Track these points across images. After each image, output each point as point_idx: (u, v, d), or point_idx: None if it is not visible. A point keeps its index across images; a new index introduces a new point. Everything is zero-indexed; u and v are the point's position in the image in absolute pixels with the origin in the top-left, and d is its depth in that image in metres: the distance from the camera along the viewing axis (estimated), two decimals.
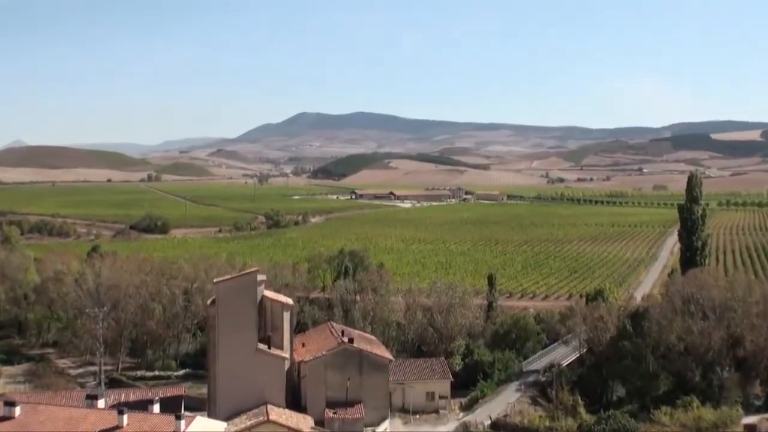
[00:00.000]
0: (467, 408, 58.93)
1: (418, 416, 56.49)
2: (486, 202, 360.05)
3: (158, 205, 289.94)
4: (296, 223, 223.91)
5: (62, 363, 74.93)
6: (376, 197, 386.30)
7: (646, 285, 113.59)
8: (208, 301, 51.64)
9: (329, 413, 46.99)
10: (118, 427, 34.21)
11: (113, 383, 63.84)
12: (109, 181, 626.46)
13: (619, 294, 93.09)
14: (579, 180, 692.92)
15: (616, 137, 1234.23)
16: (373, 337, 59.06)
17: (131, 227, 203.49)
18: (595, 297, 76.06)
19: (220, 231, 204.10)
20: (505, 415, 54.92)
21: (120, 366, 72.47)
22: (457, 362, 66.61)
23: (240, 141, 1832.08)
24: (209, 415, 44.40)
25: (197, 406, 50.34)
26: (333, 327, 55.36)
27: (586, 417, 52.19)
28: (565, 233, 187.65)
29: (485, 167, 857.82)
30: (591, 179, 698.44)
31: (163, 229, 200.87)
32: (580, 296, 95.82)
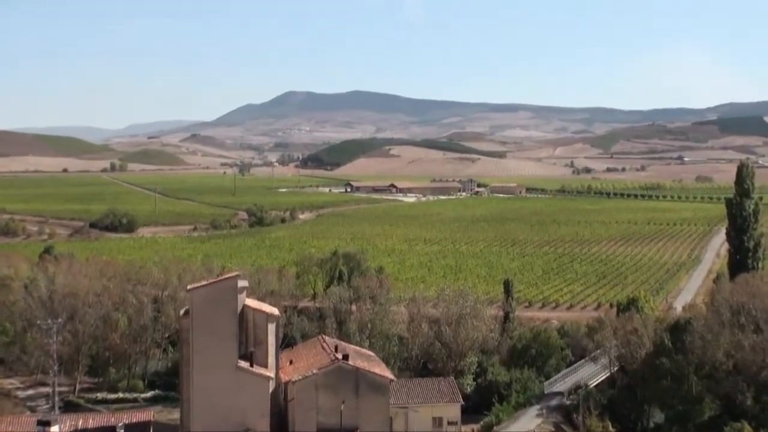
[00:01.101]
0: None
1: None
2: (501, 195, 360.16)
3: (123, 200, 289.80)
4: (283, 221, 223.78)
5: (9, 383, 74.59)
6: (375, 190, 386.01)
7: (688, 293, 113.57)
8: (181, 312, 51.52)
9: None
10: None
11: (69, 407, 63.66)
12: (64, 171, 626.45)
13: (657, 303, 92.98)
14: (609, 170, 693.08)
15: (652, 120, 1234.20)
16: (371, 354, 58.93)
17: (91, 225, 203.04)
18: (627, 307, 75.95)
19: (194, 229, 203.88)
20: None
21: (77, 387, 72.27)
22: (469, 383, 66.50)
23: (218, 125, 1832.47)
24: None
25: None
26: (325, 341, 55.21)
27: None
28: (592, 232, 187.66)
29: (501, 155, 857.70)
30: (623, 169, 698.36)
31: (129, 228, 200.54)
32: (611, 306, 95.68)
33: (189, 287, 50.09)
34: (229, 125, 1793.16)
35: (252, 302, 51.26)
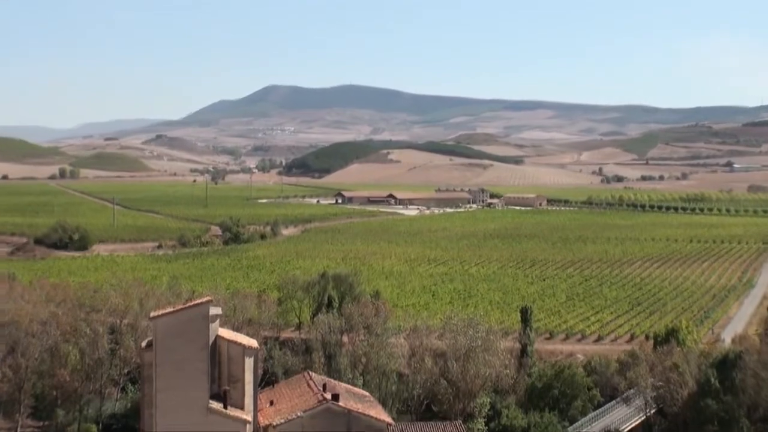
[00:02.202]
0: None
1: None
2: (518, 208, 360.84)
3: (74, 211, 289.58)
4: (263, 237, 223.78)
5: None
6: (371, 201, 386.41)
7: (739, 322, 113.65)
8: (143, 343, 51.40)
9: None
10: None
11: None
12: (4, 177, 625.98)
13: (701, 335, 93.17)
14: (644, 178, 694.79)
15: (696, 120, 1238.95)
16: (365, 393, 58.86)
17: (36, 241, 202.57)
18: (666, 339, 76.02)
19: (159, 247, 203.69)
20: None
21: None
22: (480, 427, 66.43)
23: (187, 124, 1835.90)
24: None
25: None
26: (312, 379, 55.16)
27: None
28: (624, 251, 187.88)
29: (517, 161, 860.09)
30: (660, 177, 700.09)
31: (82, 245, 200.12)
32: (647, 338, 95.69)
33: (152, 315, 50.03)
34: (200, 125, 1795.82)
35: (226, 333, 51.21)
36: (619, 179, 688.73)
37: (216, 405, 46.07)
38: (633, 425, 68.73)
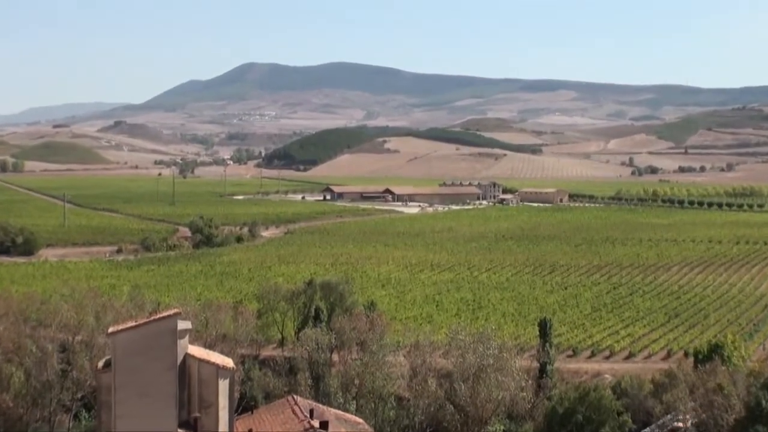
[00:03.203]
0: None
1: None
2: (536, 205, 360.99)
3: (18, 210, 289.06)
4: (239, 240, 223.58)
5: None
6: (364, 197, 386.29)
7: None
8: (100, 363, 51.25)
9: None
10: None
11: None
12: None
13: (750, 351, 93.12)
14: (682, 170, 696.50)
15: (744, 102, 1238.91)
16: (359, 420, 58.76)
17: None
18: (709, 356, 76.06)
19: (119, 251, 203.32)
20: None
21: None
22: None
23: (150, 109, 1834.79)
24: None
25: None
26: (297, 404, 55.05)
27: None
28: (660, 255, 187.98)
29: (535, 150, 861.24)
30: (702, 168, 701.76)
31: (27, 249, 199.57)
32: (686, 355, 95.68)
33: (110, 330, 49.82)
34: (165, 109, 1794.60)
35: (197, 350, 51.10)
36: (653, 171, 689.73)
37: None
38: None
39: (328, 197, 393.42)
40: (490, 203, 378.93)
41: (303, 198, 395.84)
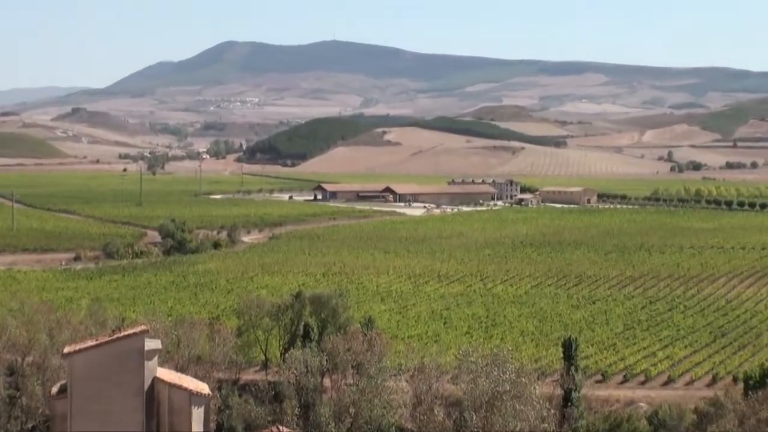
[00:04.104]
0: None
1: None
2: (559, 206, 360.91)
3: None
4: (216, 246, 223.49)
5: None
6: (362, 197, 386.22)
7: None
8: (54, 389, 51.16)
9: None
10: None
11: None
12: None
13: None
14: (730, 166, 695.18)
15: None
16: None
17: None
18: (762, 382, 75.85)
19: (77, 259, 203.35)
20: None
21: None
22: None
23: (114, 94, 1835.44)
24: None
25: None
26: None
27: None
28: (704, 264, 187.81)
29: (558, 142, 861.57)
30: (753, 165, 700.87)
31: None
32: (735, 380, 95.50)
33: (66, 350, 49.88)
34: (131, 95, 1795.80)
35: (167, 374, 51.09)
36: (696, 167, 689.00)
37: None
38: None
39: (320, 197, 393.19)
40: (507, 204, 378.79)
41: (290, 198, 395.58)
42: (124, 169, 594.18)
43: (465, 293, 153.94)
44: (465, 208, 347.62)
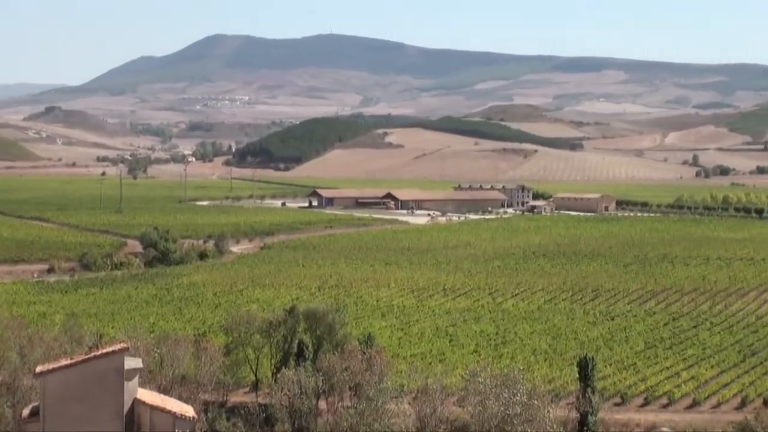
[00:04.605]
0: None
1: None
2: (574, 214, 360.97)
3: None
4: (203, 256, 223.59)
5: None
6: (361, 203, 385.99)
7: None
8: (25, 411, 51.18)
9: None
10: None
11: None
12: None
13: None
14: (761, 171, 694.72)
15: None
16: None
17: None
18: None
19: (51, 271, 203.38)
20: None
21: None
22: None
23: (92, 92, 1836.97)
24: None
25: None
26: None
27: None
28: (732, 277, 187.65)
29: (574, 145, 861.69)
30: None
31: None
32: (765, 403, 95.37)
33: (39, 369, 49.98)
34: (110, 93, 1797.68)
35: (149, 395, 51.18)
36: (724, 172, 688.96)
37: None
38: None
39: (315, 203, 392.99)
40: (518, 211, 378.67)
41: (283, 204, 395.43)
42: (103, 173, 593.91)
43: (472, 308, 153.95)
44: (472, 216, 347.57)
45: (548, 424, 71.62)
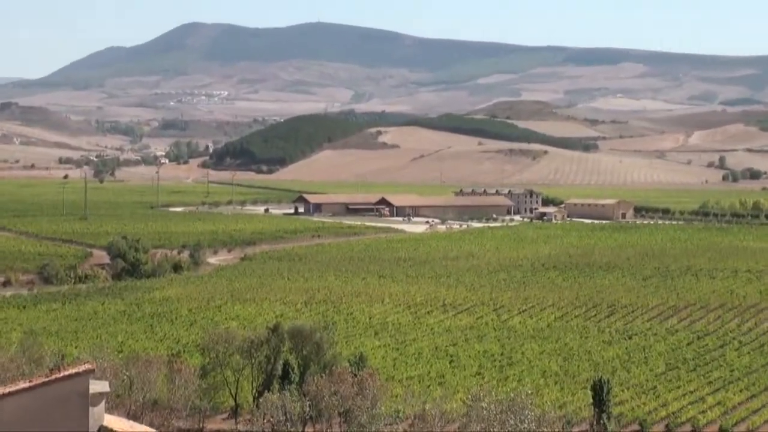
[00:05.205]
0: None
1: None
2: (588, 222, 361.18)
3: None
4: (177, 268, 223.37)
5: None
6: (352, 210, 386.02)
7: None
8: None
9: None
10: None
11: None
12: None
13: None
14: None
15: None
16: None
17: None
18: None
19: (6, 284, 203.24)
20: None
21: None
22: None
23: (54, 86, 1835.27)
24: None
25: None
26: None
27: None
28: (762, 291, 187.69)
29: (588, 145, 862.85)
30: None
31: None
32: None
33: None
34: (75, 87, 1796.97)
35: (117, 422, 51.00)
36: (754, 175, 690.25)
37: None
38: None
39: (301, 210, 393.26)
40: (526, 219, 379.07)
41: (266, 211, 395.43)
42: (65, 176, 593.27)
43: (475, 326, 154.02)
44: (475, 224, 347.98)
45: None
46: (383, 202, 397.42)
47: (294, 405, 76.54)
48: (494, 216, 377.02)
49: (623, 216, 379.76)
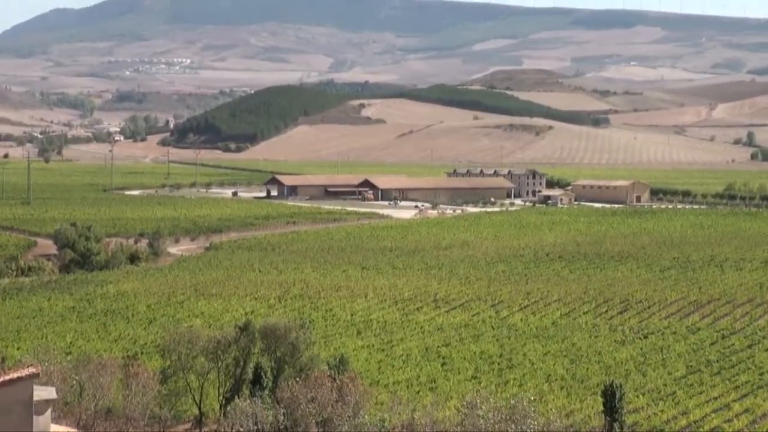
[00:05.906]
0: None
1: None
2: (598, 206, 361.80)
3: None
4: (134, 259, 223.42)
5: None
6: (331, 193, 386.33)
7: None
8: None
9: None
10: None
11: None
12: None
13: None
14: None
15: None
16: None
17: None
18: None
19: None
20: None
21: None
22: None
23: None
24: None
25: None
26: None
27: None
28: None
29: (597, 120, 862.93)
30: None
31: None
32: None
33: None
34: (17, 54, 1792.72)
35: None
36: None
37: None
38: None
39: (274, 193, 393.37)
40: (528, 203, 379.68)
41: (235, 194, 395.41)
42: (6, 155, 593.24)
43: (471, 324, 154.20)
44: (471, 209, 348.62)
45: None
46: (367, 184, 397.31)
47: (266, 413, 76.63)
48: (492, 200, 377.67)
49: (638, 199, 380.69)
